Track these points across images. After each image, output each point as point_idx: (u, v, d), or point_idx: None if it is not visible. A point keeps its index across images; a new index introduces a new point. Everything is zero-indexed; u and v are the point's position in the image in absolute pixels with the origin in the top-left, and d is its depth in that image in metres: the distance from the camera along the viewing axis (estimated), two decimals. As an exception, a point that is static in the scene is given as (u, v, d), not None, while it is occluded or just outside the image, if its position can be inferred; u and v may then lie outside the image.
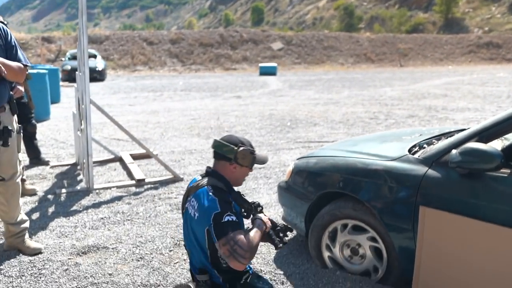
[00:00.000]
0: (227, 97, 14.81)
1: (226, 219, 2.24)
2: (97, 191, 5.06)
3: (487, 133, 2.49)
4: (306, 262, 3.44)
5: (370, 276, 3.07)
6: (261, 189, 5.25)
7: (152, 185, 5.31)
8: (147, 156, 6.58)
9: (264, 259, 3.54)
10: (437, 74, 25.91)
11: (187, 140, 7.94)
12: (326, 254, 3.24)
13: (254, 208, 2.50)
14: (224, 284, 2.45)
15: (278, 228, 2.57)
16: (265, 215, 2.53)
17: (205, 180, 2.44)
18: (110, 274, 3.23)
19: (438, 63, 36.04)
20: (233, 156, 2.43)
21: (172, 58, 29.43)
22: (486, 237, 2.34)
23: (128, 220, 4.27)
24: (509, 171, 2.37)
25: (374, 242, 3.00)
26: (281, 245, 2.47)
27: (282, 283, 3.17)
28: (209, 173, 2.51)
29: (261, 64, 27.14)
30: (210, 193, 2.33)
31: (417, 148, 3.03)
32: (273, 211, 4.53)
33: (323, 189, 3.20)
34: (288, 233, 2.59)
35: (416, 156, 2.82)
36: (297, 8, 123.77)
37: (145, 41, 30.36)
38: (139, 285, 3.09)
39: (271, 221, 2.56)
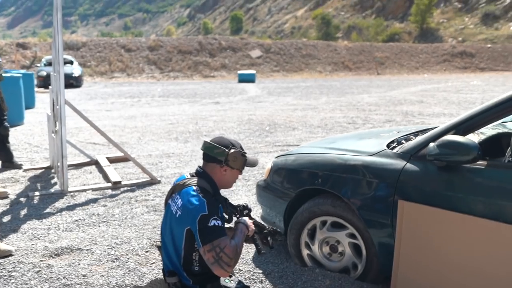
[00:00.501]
0: (205, 103, 14.74)
1: (212, 223, 2.18)
2: (71, 193, 4.94)
3: (464, 126, 2.50)
4: (285, 261, 3.41)
5: (349, 274, 3.06)
6: (240, 191, 5.20)
7: (129, 188, 5.21)
8: (124, 159, 6.48)
9: (242, 258, 3.49)
10: (413, 82, 26.31)
11: (165, 144, 7.84)
12: (305, 252, 3.21)
13: (240, 211, 2.47)
14: (194, 286, 2.39)
15: (266, 231, 2.54)
16: (251, 218, 2.50)
17: (194, 180, 2.39)
18: (84, 276, 3.14)
19: (414, 71, 36.63)
20: (224, 158, 2.38)
21: (150, 65, 29.23)
22: (464, 229, 2.34)
23: (104, 222, 4.18)
24: (485, 163, 2.39)
25: (353, 238, 2.99)
26: (263, 251, 2.45)
27: (261, 282, 3.13)
28: (199, 173, 2.45)
29: (239, 71, 27.17)
30: (199, 194, 2.27)
31: (396, 144, 3.04)
32: (252, 213, 4.48)
33: (302, 186, 3.18)
34: (277, 236, 2.56)
35: (394, 151, 2.82)
36: (276, 17, 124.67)
37: (123, 48, 30.09)
38: (114, 286, 3.01)
39: (258, 224, 2.52)
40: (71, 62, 22.21)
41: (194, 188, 2.30)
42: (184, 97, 16.88)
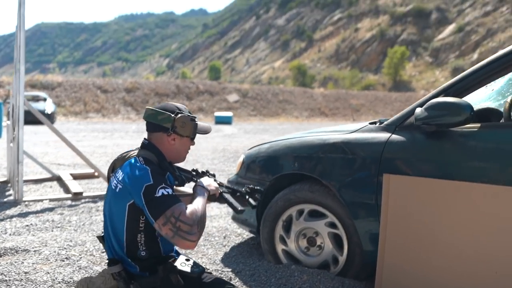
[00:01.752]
0: (180, 138, 14.43)
1: (160, 193, 1.84)
2: (26, 202, 4.51)
3: (454, 89, 2.28)
4: (257, 260, 3.06)
5: (329, 270, 2.73)
6: (210, 204, 4.87)
7: (91, 200, 4.81)
8: (89, 176, 6.10)
9: (210, 259, 3.14)
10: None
11: (135, 166, 7.46)
12: (280, 247, 2.88)
13: (197, 174, 2.16)
14: (142, 273, 2.04)
15: (240, 193, 2.22)
16: (215, 180, 2.18)
17: (135, 151, 2.09)
18: (26, 273, 2.72)
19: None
20: (170, 125, 2.04)
21: (126, 107, 28.91)
22: (461, 197, 2.07)
23: (58, 227, 3.77)
24: (479, 125, 2.16)
25: (333, 228, 2.68)
26: (241, 208, 2.11)
27: (230, 279, 2.77)
28: (144, 145, 2.13)
29: (216, 113, 27.00)
30: (140, 163, 1.95)
31: (378, 123, 2.80)
32: (223, 222, 4.15)
33: (278, 173, 2.89)
34: (256, 195, 2.24)
35: (377, 125, 2.58)
36: (253, 68, 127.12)
37: (99, 89, 29.78)
38: (59, 282, 2.60)
39: (228, 187, 2.21)
40: (44, 99, 21.76)
41: (136, 158, 1.98)
42: (159, 133, 16.58)
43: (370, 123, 2.72)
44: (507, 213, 1.93)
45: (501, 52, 2.20)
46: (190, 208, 1.86)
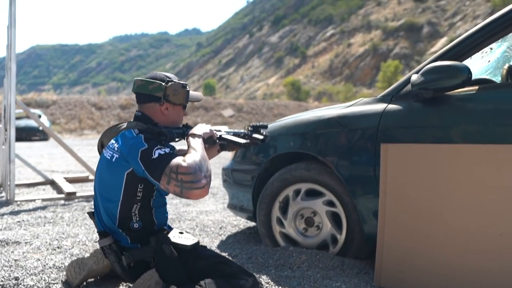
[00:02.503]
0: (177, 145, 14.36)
1: (157, 154, 1.81)
2: (18, 202, 4.42)
3: (450, 54, 2.25)
4: (254, 245, 2.99)
5: (328, 250, 2.66)
6: (206, 201, 4.80)
7: (84, 199, 4.73)
8: (83, 179, 6.02)
9: (206, 245, 3.05)
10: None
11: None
12: (277, 229, 2.81)
13: (187, 127, 2.11)
14: (133, 245, 1.98)
15: (247, 130, 2.26)
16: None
17: (132, 123, 2.04)
18: (16, 260, 2.64)
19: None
20: (162, 94, 2.02)
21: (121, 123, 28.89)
22: (457, 159, 2.03)
23: (51, 222, 3.68)
24: (476, 87, 2.12)
25: (331, 206, 2.63)
26: (244, 141, 2.10)
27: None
28: (137, 117, 2.09)
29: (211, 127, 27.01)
30: (134, 132, 1.94)
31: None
32: (219, 215, 4.07)
33: (274, 153, 2.84)
34: (262, 130, 2.25)
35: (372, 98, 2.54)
36: (248, 85, 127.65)
37: (94, 106, 29.74)
38: (50, 267, 2.52)
39: (231, 131, 2.21)
40: (39, 117, 21.72)
41: (132, 130, 1.97)
42: (154, 146, 16.50)
43: None
44: (509, 171, 1.88)
45: (496, 15, 2.18)
46: (186, 157, 1.80)
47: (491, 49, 2.65)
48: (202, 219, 3.87)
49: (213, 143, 2.10)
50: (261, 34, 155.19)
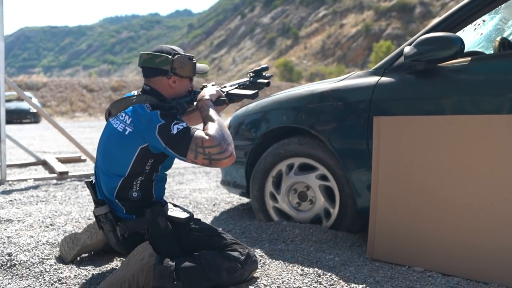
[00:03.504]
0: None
1: (175, 130, 1.84)
2: (10, 182, 4.40)
3: (443, 26, 2.23)
4: (248, 220, 3.00)
5: (322, 224, 2.68)
6: (199, 179, 4.80)
7: (77, 179, 4.71)
8: (76, 159, 6.00)
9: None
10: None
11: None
12: (270, 204, 2.82)
13: (193, 93, 2.12)
14: (128, 216, 1.98)
15: (249, 78, 2.27)
16: (213, 85, 2.19)
17: (142, 97, 2.02)
18: (8, 237, 2.63)
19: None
20: (169, 67, 2.02)
21: (113, 105, 28.68)
22: (450, 130, 2.03)
23: (43, 201, 3.67)
24: (469, 58, 2.12)
25: (324, 180, 2.63)
26: (253, 92, 2.12)
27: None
28: (146, 91, 2.07)
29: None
30: (148, 107, 1.94)
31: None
32: (212, 193, 4.08)
33: (266, 128, 2.83)
34: (264, 73, 2.26)
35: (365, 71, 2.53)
36: (240, 66, 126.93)
37: (85, 88, 29.50)
38: (43, 244, 2.51)
39: (234, 83, 2.23)
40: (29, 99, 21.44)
41: (143, 105, 1.96)
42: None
43: None
44: (501, 140, 1.89)
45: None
46: (207, 129, 1.86)
47: (484, 21, 2.64)
48: (195, 197, 3.88)
49: (222, 103, 2.12)
50: (253, 15, 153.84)
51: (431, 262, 2.08)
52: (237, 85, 2.21)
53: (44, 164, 5.65)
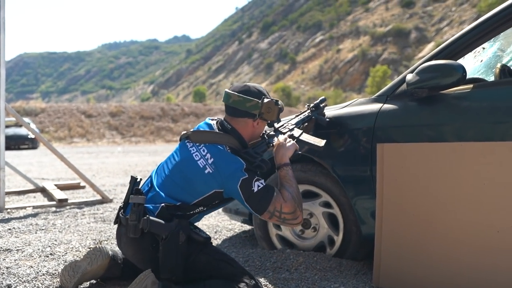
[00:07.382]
0: (168, 152, 14.28)
1: (256, 187, 1.95)
2: (8, 210, 4.36)
3: (444, 53, 2.25)
4: (251, 248, 2.97)
5: (325, 252, 2.64)
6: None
7: (76, 206, 4.67)
8: (74, 186, 5.96)
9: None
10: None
11: (121, 178, 7.33)
12: (273, 231, 2.79)
13: (269, 143, 2.23)
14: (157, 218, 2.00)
15: (309, 113, 2.46)
16: (283, 132, 2.33)
17: (224, 137, 2.07)
18: (7, 268, 2.59)
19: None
20: (258, 112, 2.08)
21: (111, 131, 28.68)
22: (453, 157, 2.02)
23: (42, 229, 3.63)
24: (471, 85, 2.13)
25: (328, 207, 2.61)
26: (322, 143, 2.30)
27: (223, 266, 2.65)
28: (227, 130, 2.12)
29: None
30: (233, 155, 2.02)
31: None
32: (213, 220, 4.04)
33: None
34: (321, 105, 2.49)
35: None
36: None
37: (83, 114, 29.55)
38: (43, 274, 2.47)
39: (296, 123, 2.38)
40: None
41: (227, 148, 2.03)
42: (145, 153, 16.38)
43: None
44: (506, 167, 1.88)
45: (488, 14, 2.19)
46: (285, 192, 2.00)
47: (484, 48, 2.66)
48: (196, 224, 3.83)
49: (297, 157, 2.22)
50: (251, 41, 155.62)
51: (438, 291, 2.05)
52: (300, 121, 2.35)
53: (43, 191, 5.61)
